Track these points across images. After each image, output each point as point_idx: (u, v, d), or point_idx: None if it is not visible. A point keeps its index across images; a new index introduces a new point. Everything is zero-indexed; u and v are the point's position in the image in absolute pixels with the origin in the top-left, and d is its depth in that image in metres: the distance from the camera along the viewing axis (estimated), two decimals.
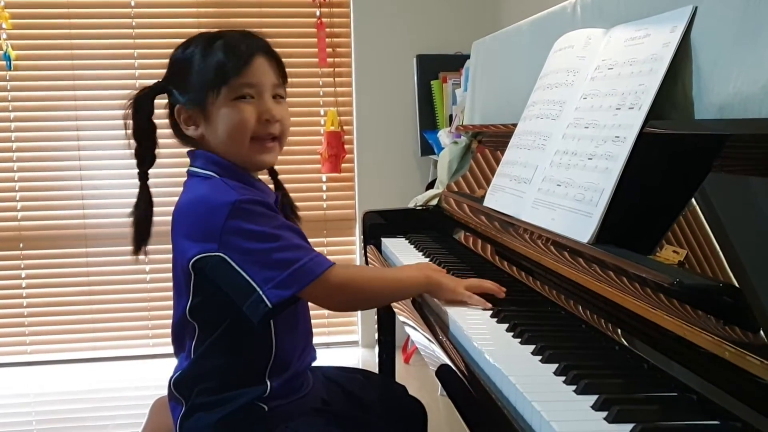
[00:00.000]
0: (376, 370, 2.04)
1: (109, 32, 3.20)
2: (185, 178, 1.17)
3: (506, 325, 1.06)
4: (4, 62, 3.09)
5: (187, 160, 1.18)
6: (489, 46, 1.97)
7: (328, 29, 3.31)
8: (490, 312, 1.13)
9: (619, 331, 0.94)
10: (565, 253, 1.10)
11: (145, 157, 1.17)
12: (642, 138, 1.00)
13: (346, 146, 3.34)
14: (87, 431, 2.68)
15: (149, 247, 1.18)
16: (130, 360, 3.25)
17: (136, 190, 1.18)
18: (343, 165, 3.33)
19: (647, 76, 1.02)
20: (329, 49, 3.32)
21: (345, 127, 3.34)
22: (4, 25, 3.06)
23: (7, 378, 3.16)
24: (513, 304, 1.16)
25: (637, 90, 1.03)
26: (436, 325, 1.14)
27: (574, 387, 0.81)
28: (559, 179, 1.16)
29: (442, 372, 1.08)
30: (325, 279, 1.06)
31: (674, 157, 1.00)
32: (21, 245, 3.22)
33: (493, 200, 1.42)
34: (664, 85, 1.00)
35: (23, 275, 3.23)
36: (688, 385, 0.78)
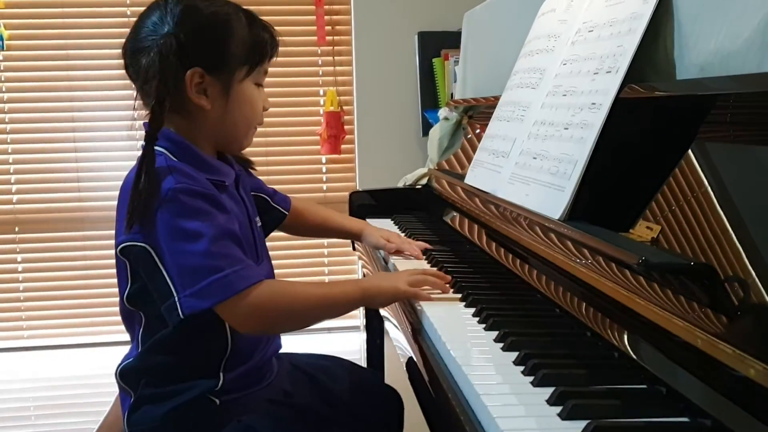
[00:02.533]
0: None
1: (103, 11, 3.13)
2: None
3: (473, 310, 0.98)
4: None
5: None
6: (480, 16, 1.87)
7: (327, 6, 3.21)
8: (460, 295, 1.05)
9: (591, 315, 0.86)
10: (538, 231, 1.02)
11: (160, 116, 1.00)
12: (619, 103, 0.91)
13: (345, 127, 3.25)
14: (84, 416, 2.64)
15: None
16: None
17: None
18: (343, 146, 3.25)
19: (626, 36, 0.93)
20: (328, 27, 3.23)
21: (345, 107, 3.26)
22: None
23: (4, 363, 3.14)
24: (485, 286, 1.08)
25: (615, 52, 0.94)
26: (404, 313, 1.06)
27: (531, 378, 0.73)
28: (536, 152, 1.07)
29: (410, 365, 1.00)
30: (244, 297, 0.94)
31: (655, 123, 0.91)
32: (17, 228, 3.18)
33: (472, 177, 1.33)
34: (644, 45, 0.90)
35: (19, 259, 3.20)
36: (659, 376, 0.70)
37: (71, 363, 3.12)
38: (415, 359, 0.93)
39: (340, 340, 3.25)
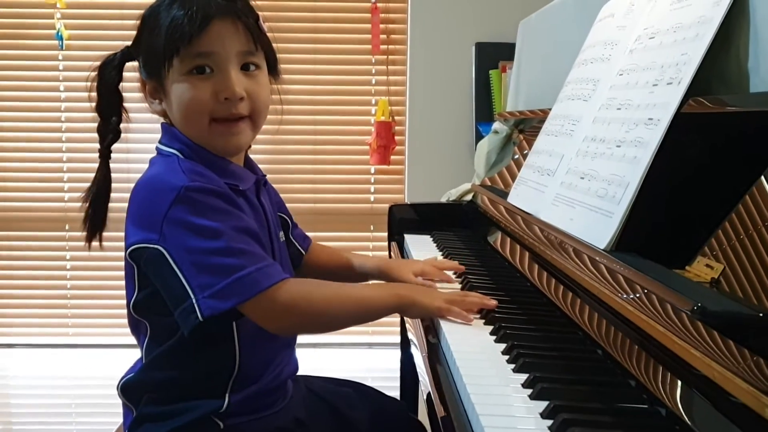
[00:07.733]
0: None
1: None
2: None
3: (503, 346, 0.87)
4: (56, 42, 3.08)
5: None
6: (534, 25, 1.76)
7: (383, 14, 3.14)
8: (490, 329, 0.94)
9: (637, 363, 0.74)
10: (585, 260, 0.90)
11: (107, 133, 1.03)
12: (680, 119, 0.79)
13: (396, 137, 3.17)
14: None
15: None
16: None
17: None
18: (392, 157, 3.17)
19: (692, 43, 0.81)
20: (383, 36, 3.15)
21: (396, 118, 3.18)
22: (58, 5, 3.05)
23: (49, 359, 3.16)
24: (520, 318, 0.97)
25: (679, 61, 0.82)
26: (425, 338, 0.96)
27: None
28: (584, 171, 0.96)
29: (429, 401, 0.90)
30: (271, 295, 0.89)
31: (721, 143, 0.78)
32: (67, 227, 3.20)
33: (515, 195, 1.22)
34: (713, 54, 0.79)
35: (68, 257, 3.22)
36: None
37: (114, 362, 3.10)
38: (432, 397, 0.83)
39: (381, 356, 3.13)
